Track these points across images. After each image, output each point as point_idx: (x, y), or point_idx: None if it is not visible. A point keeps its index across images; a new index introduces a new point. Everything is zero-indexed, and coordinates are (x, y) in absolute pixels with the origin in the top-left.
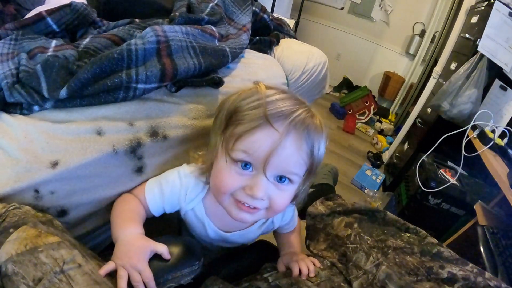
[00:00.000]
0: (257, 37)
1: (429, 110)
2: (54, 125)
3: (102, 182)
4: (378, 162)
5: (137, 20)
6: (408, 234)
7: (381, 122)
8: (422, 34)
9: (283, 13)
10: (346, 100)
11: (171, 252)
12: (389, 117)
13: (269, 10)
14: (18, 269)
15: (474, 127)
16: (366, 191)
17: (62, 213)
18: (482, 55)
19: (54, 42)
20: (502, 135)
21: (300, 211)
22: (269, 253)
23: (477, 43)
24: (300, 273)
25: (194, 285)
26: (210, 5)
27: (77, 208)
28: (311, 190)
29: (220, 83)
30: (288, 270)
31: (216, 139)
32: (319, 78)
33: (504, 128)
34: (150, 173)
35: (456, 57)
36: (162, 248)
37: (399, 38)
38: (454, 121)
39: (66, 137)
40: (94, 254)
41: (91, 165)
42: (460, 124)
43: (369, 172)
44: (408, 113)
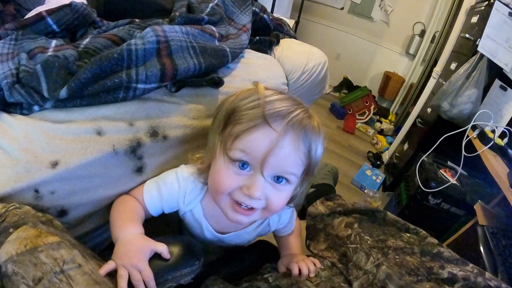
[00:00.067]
0: (257, 37)
1: (429, 110)
2: (54, 125)
3: (102, 182)
4: (378, 162)
5: (137, 20)
6: (408, 234)
7: (381, 122)
8: (422, 34)
9: (283, 13)
10: (346, 100)
11: (171, 252)
12: (389, 117)
13: (269, 10)
14: (18, 269)
15: (474, 127)
16: (366, 191)
17: (62, 213)
18: (482, 55)
19: (54, 42)
20: (502, 135)
21: (300, 211)
22: (269, 253)
23: (477, 43)
24: (300, 273)
25: (194, 285)
26: (210, 5)
27: (77, 208)
28: (311, 190)
29: (220, 83)
30: (289, 270)
31: (215, 139)
32: (319, 78)
33: (504, 128)
34: (150, 173)
35: (456, 57)
36: (162, 248)
37: (399, 38)
38: (454, 121)
39: (66, 137)
40: (94, 254)
41: (91, 165)
42: (460, 124)
43: (369, 172)
44: (408, 113)
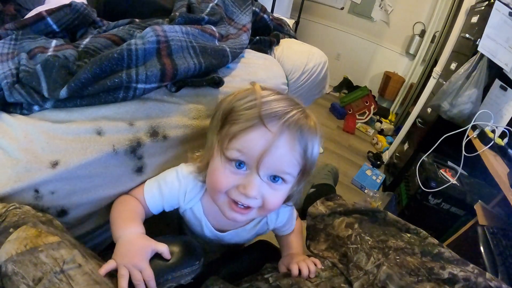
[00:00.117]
0: (257, 37)
1: (429, 110)
2: (54, 125)
3: (102, 182)
4: (378, 162)
5: (137, 20)
6: (408, 235)
7: (381, 122)
8: (422, 34)
9: (283, 13)
10: (346, 100)
11: (172, 252)
12: (389, 117)
13: (269, 10)
14: (18, 269)
15: (474, 127)
16: (366, 191)
17: (62, 213)
18: (482, 55)
19: (54, 42)
20: (502, 135)
21: (301, 211)
22: (270, 253)
23: (477, 43)
24: (300, 273)
25: (194, 285)
26: (210, 5)
27: (77, 208)
28: (312, 190)
29: (220, 83)
30: (289, 271)
31: (213, 139)
32: (319, 78)
33: (504, 128)
34: (150, 173)
35: (456, 57)
36: (162, 248)
37: (399, 38)
38: (454, 121)
39: (66, 137)
40: (94, 254)
41: (91, 165)
42: (460, 124)
43: (369, 172)
44: (408, 113)
